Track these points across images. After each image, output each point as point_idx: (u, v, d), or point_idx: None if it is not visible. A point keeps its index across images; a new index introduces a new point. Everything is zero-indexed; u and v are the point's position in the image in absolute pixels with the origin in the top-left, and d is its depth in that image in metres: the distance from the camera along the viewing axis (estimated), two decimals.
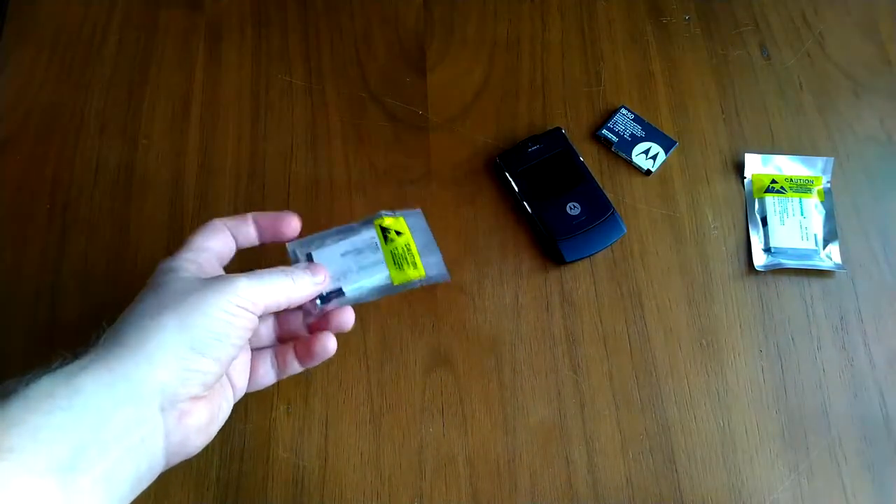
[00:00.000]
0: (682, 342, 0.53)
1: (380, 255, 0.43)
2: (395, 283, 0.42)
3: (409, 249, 0.43)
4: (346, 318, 0.43)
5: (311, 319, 0.43)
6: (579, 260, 0.54)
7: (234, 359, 0.36)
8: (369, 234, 0.43)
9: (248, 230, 0.42)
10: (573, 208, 0.55)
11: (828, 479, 0.49)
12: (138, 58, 0.61)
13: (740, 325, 0.54)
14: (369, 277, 0.42)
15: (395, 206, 0.56)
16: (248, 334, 0.37)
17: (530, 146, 0.57)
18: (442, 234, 0.55)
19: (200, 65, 0.61)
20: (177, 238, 0.54)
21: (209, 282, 0.36)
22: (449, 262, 0.54)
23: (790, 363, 0.52)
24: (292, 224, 0.42)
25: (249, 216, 0.42)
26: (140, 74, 0.60)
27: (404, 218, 0.44)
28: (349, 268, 0.42)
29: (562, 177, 0.57)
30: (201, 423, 0.36)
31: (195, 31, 0.62)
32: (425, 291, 0.53)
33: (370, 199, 0.57)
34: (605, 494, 0.48)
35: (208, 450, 0.48)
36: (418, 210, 0.45)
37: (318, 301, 0.41)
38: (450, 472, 0.48)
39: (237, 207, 0.56)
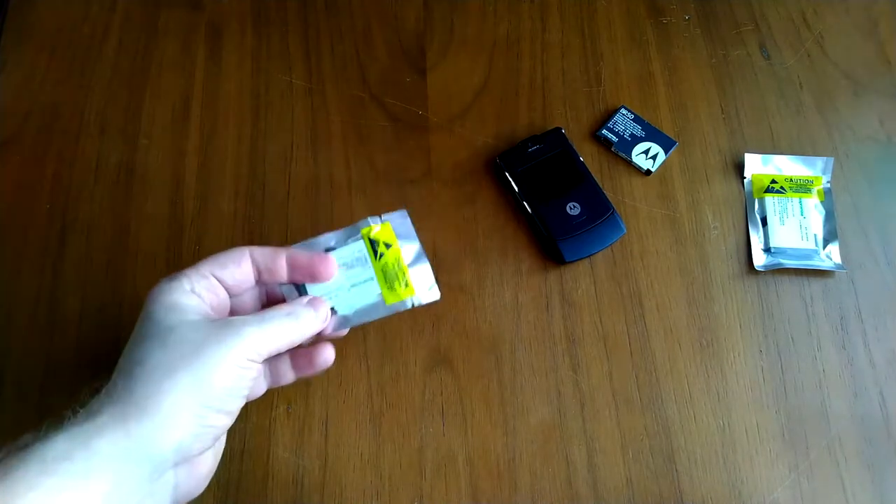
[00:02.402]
0: (682, 342, 0.53)
1: (370, 272, 0.41)
2: (388, 303, 0.40)
3: (399, 265, 0.41)
4: (328, 355, 0.41)
5: (305, 342, 0.41)
6: (579, 260, 0.54)
7: (241, 407, 0.36)
8: (357, 247, 0.41)
9: (278, 266, 0.39)
10: (573, 208, 0.55)
11: (828, 479, 0.49)
12: (138, 58, 0.61)
13: (740, 325, 0.54)
14: (361, 296, 0.40)
15: (396, 206, 0.56)
16: (254, 381, 0.36)
17: (530, 146, 0.57)
18: (442, 234, 0.56)
19: (200, 65, 0.61)
20: (177, 238, 0.54)
21: (218, 332, 0.34)
22: (449, 262, 0.55)
23: (790, 363, 0.52)
24: (330, 269, 0.40)
25: (283, 252, 0.40)
26: (140, 74, 0.60)
27: (391, 223, 0.42)
28: (340, 285, 0.40)
29: (562, 177, 0.57)
30: (209, 469, 0.37)
31: (195, 31, 0.62)
32: None
33: (370, 199, 0.57)
34: (605, 494, 0.48)
35: None
36: (404, 211, 0.42)
37: None
38: (450, 472, 0.48)
39: (237, 207, 0.56)
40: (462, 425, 0.50)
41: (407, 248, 0.41)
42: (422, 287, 0.41)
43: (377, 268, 0.41)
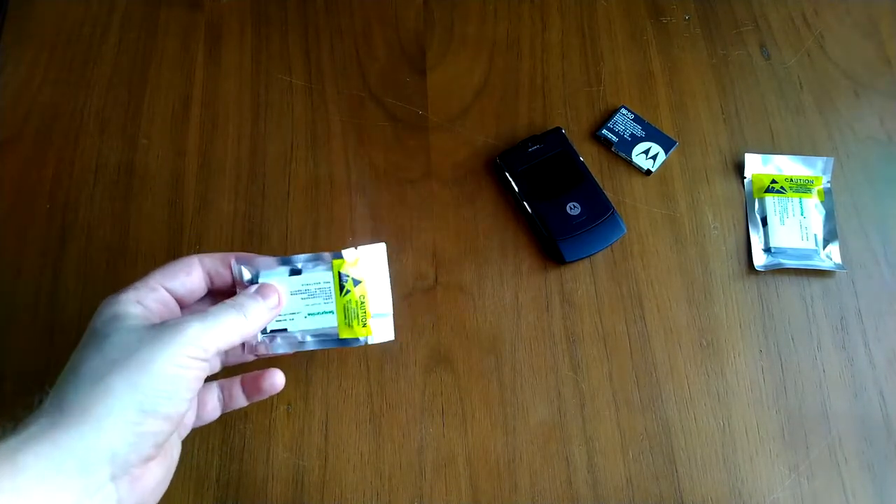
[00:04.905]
0: (682, 342, 0.53)
1: (331, 306, 0.40)
2: (340, 337, 0.40)
3: (362, 305, 0.40)
4: (276, 380, 0.40)
5: (252, 355, 0.41)
6: (579, 260, 0.54)
7: (186, 412, 0.34)
8: (324, 278, 0.40)
9: (226, 272, 0.39)
10: (573, 208, 0.55)
11: (828, 479, 0.49)
12: (138, 57, 0.61)
13: (740, 325, 0.54)
14: (316, 326, 0.40)
15: (395, 206, 0.56)
16: (201, 384, 0.34)
17: (530, 146, 0.57)
18: (442, 234, 0.56)
19: (200, 64, 0.61)
20: (176, 238, 0.54)
21: (157, 332, 0.33)
22: (449, 262, 0.55)
23: (790, 363, 0.52)
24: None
25: (231, 257, 0.40)
26: (140, 74, 0.60)
27: (364, 256, 0.41)
28: (297, 310, 0.40)
29: (562, 177, 0.57)
30: (157, 481, 0.34)
31: (195, 31, 0.62)
32: (425, 292, 0.53)
33: (370, 199, 0.57)
34: (605, 494, 0.48)
35: (208, 450, 0.48)
36: (382, 245, 0.41)
37: (259, 335, 0.40)
38: (450, 472, 0.48)
39: (237, 207, 0.56)
40: (462, 425, 0.50)
41: (375, 285, 0.41)
42: (379, 328, 0.41)
43: (339, 304, 0.40)
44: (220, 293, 0.40)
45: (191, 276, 0.38)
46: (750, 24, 0.65)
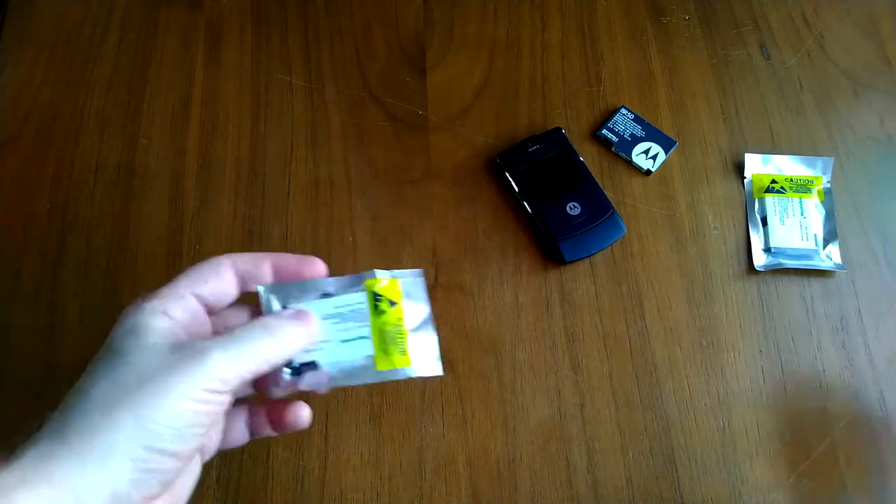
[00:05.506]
0: (682, 342, 0.53)
1: (366, 329, 0.35)
2: (378, 369, 0.35)
3: (399, 329, 0.36)
4: (302, 414, 0.36)
5: (278, 392, 0.35)
6: (579, 260, 0.54)
7: (199, 448, 0.31)
8: (357, 298, 0.36)
9: (262, 272, 0.35)
10: (573, 208, 0.55)
11: (828, 479, 0.49)
12: (138, 57, 0.61)
13: (740, 325, 0.54)
14: (350, 355, 0.35)
15: (395, 205, 0.56)
16: (216, 418, 0.31)
17: (530, 146, 0.57)
18: (442, 234, 0.56)
19: (200, 64, 0.61)
20: (176, 238, 0.54)
21: (174, 360, 0.30)
22: (449, 262, 0.55)
23: (790, 363, 0.52)
24: (318, 269, 0.36)
25: (266, 257, 0.36)
26: (140, 74, 0.60)
27: (400, 280, 0.36)
28: (329, 337, 0.35)
29: (562, 177, 0.57)
30: None
31: (195, 31, 0.62)
32: None
33: (370, 199, 0.57)
34: (605, 494, 0.48)
35: None
36: (419, 271, 0.37)
37: (286, 370, 0.35)
38: (450, 472, 0.48)
39: (237, 207, 0.56)
40: (462, 425, 0.50)
41: (413, 311, 0.36)
42: (421, 358, 0.36)
43: (375, 326, 0.36)
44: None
45: (222, 278, 0.34)
46: (750, 24, 0.65)
